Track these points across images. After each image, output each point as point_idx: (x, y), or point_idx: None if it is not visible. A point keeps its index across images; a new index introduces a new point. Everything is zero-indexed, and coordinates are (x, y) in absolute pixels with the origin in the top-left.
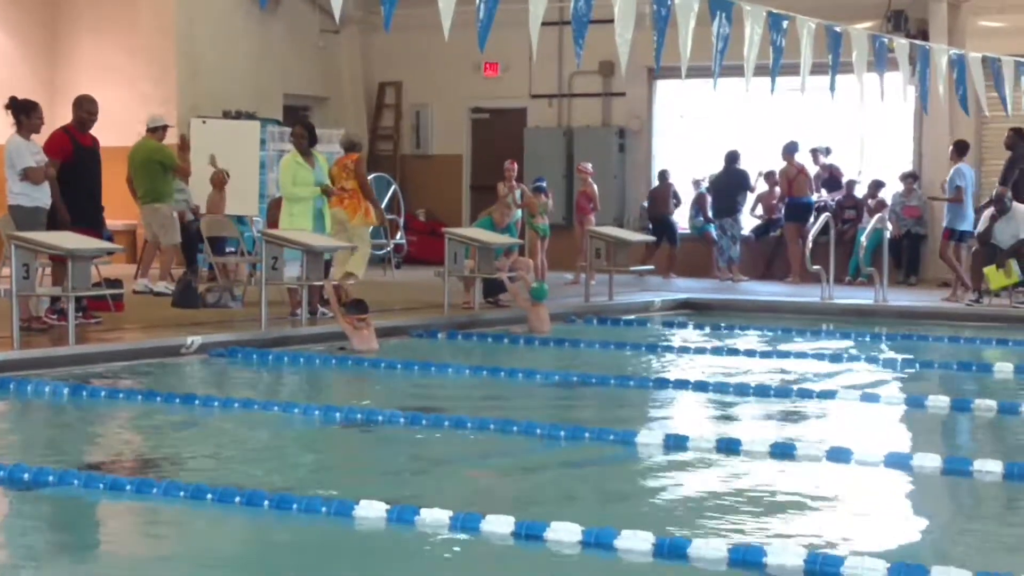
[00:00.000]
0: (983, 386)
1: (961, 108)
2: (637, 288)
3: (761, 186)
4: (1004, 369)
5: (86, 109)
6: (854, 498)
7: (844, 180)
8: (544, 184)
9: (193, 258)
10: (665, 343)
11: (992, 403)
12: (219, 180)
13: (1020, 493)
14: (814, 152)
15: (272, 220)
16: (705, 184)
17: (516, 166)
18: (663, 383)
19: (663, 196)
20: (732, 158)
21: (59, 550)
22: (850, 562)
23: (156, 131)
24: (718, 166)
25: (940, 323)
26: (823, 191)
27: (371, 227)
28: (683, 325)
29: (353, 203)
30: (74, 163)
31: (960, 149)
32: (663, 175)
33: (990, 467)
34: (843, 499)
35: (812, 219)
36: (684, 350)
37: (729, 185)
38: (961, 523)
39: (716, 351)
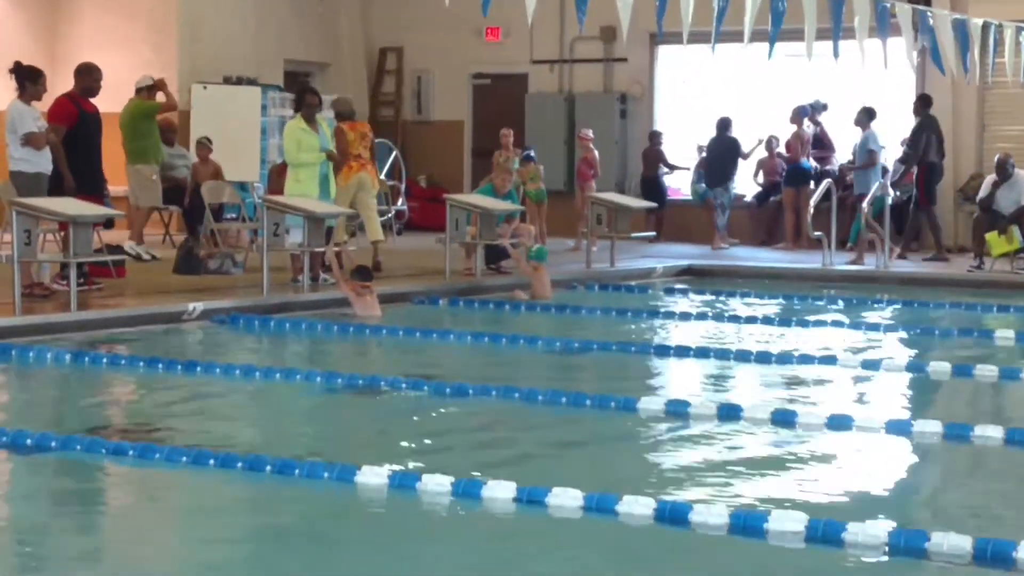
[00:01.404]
0: (984, 352)
1: (963, 72)
2: (638, 254)
3: (760, 152)
4: (1005, 335)
5: (95, 77)
6: (855, 464)
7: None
8: (532, 153)
9: (195, 224)
10: (667, 309)
11: (993, 369)
12: (203, 152)
13: (1021, 459)
14: (812, 109)
15: (274, 186)
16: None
17: (511, 133)
18: (664, 349)
19: (651, 158)
20: (724, 125)
21: (61, 515)
22: (851, 528)
23: (142, 92)
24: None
25: (941, 289)
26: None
27: None
28: (684, 291)
29: (373, 169)
30: (78, 129)
31: (869, 115)
32: (652, 136)
33: (991, 433)
34: (844, 465)
35: (812, 185)
36: (685, 316)
37: (721, 153)
38: (961, 489)
39: (717, 317)
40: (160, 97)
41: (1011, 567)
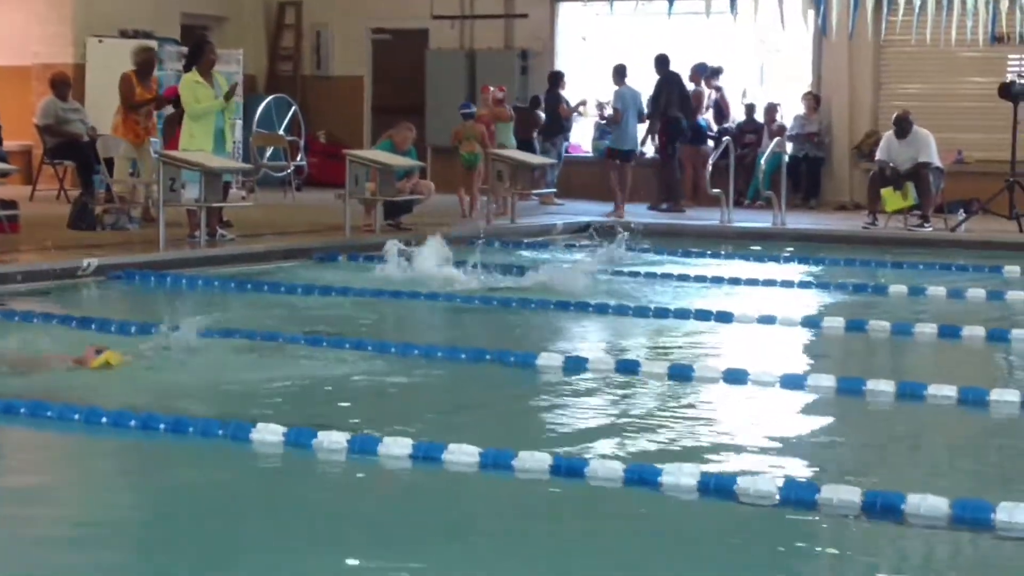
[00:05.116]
0: (877, 307)
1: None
2: (540, 211)
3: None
4: (898, 291)
5: None
6: (749, 419)
7: (744, 106)
8: (472, 110)
9: (89, 179)
10: (566, 266)
11: (886, 324)
12: None
13: (910, 412)
14: (707, 74)
15: (168, 138)
16: (608, 109)
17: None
18: (564, 305)
19: (528, 120)
20: (553, 80)
21: None
22: (742, 481)
23: None
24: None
25: (836, 245)
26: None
27: None
28: (585, 248)
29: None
30: None
31: (620, 72)
32: (534, 101)
33: (883, 387)
34: (738, 420)
35: (711, 143)
36: (585, 273)
37: (553, 107)
38: (853, 442)
39: (616, 273)
40: None
41: (899, 519)
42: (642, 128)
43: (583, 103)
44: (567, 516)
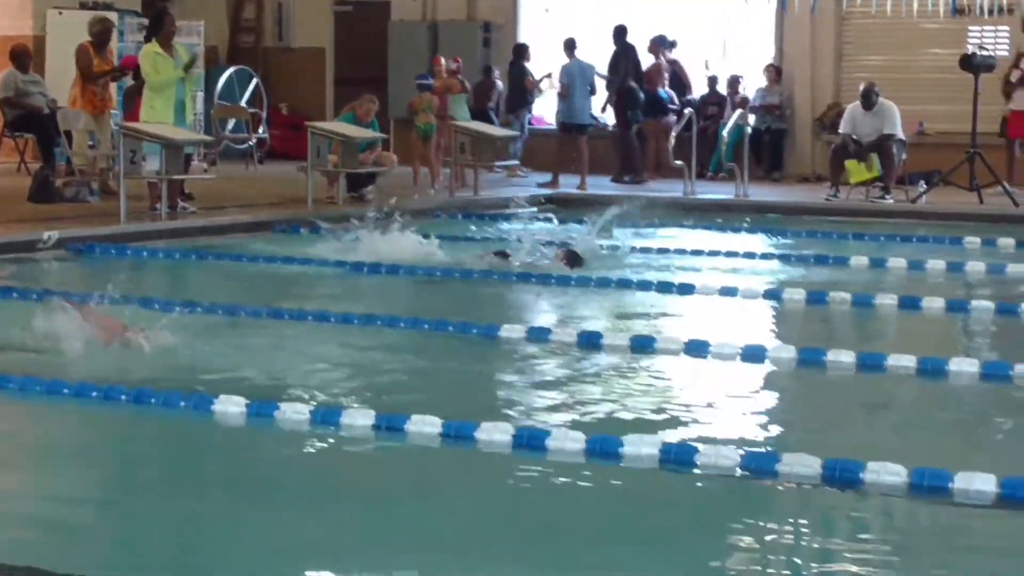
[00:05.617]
0: (838, 279)
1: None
2: (505, 184)
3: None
4: (859, 262)
5: None
6: (710, 390)
7: (707, 78)
8: (430, 81)
9: (50, 152)
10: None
11: (846, 295)
12: None
13: (870, 382)
14: (665, 46)
15: (128, 110)
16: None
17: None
18: (526, 277)
19: (483, 91)
20: (518, 53)
21: None
22: (703, 451)
23: None
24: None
25: (798, 217)
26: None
27: None
28: (548, 220)
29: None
30: None
31: (569, 46)
32: (487, 70)
33: (843, 358)
34: (699, 391)
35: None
36: (548, 244)
37: (514, 80)
38: (814, 412)
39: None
40: None
41: (859, 487)
42: (596, 100)
43: (548, 76)
44: (528, 486)
